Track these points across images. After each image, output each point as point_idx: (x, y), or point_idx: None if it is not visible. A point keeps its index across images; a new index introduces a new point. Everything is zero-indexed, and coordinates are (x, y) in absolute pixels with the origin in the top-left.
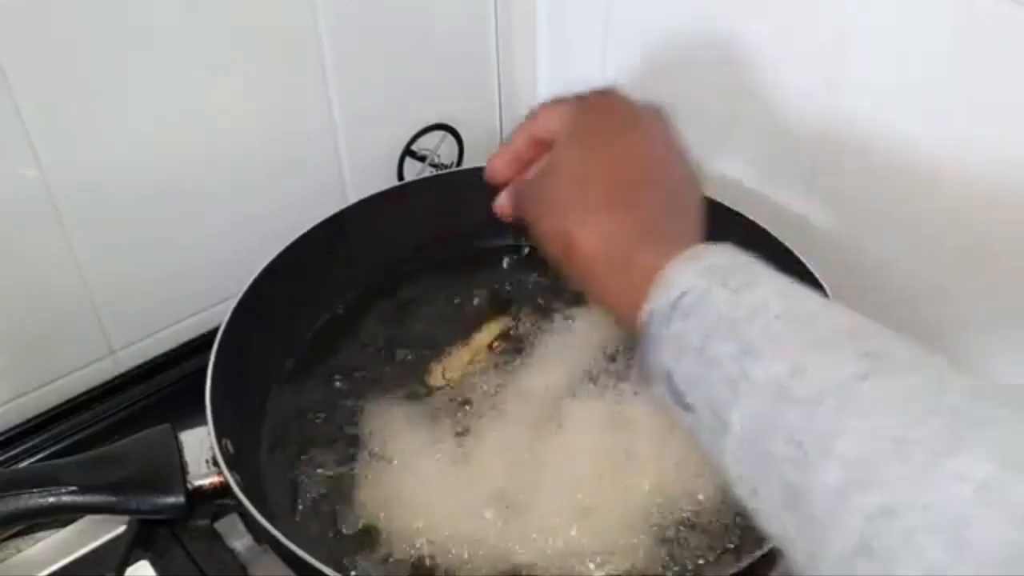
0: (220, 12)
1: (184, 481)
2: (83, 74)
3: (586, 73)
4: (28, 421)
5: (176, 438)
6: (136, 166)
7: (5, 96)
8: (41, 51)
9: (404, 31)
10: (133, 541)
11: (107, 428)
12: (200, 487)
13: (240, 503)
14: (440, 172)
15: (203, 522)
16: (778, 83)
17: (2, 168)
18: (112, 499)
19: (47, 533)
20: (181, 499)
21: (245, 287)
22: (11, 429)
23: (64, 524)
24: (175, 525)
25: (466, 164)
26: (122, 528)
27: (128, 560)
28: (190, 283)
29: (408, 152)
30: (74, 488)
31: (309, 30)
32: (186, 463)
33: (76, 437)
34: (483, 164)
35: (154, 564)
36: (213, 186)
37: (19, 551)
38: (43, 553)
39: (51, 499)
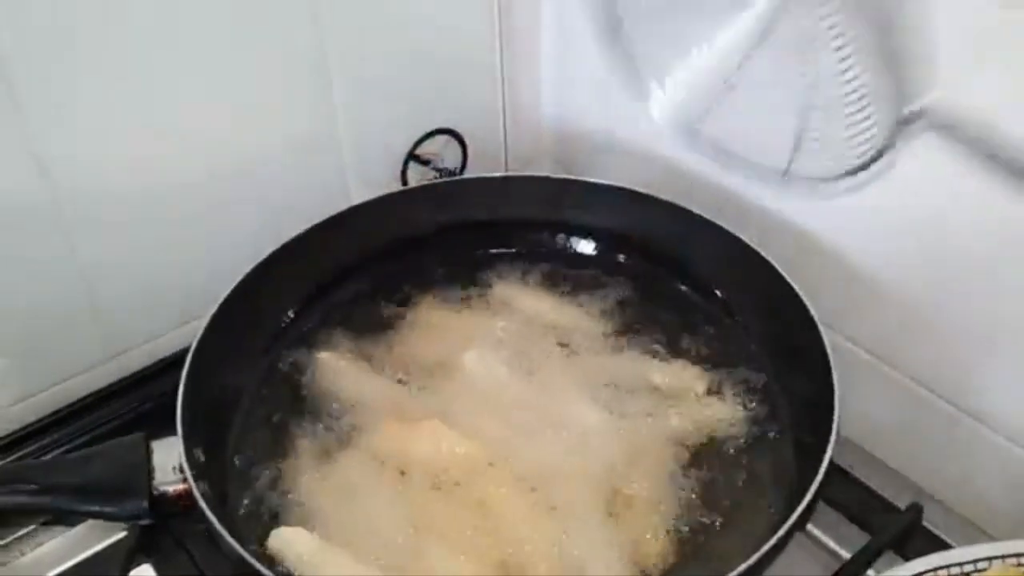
0: (223, 17)
1: (149, 487)
2: (85, 78)
3: (590, 79)
4: (31, 424)
5: (147, 445)
6: (138, 170)
7: (6, 99)
8: (43, 54)
9: (408, 37)
10: (136, 545)
11: (111, 431)
12: (165, 493)
13: (200, 509)
14: (444, 180)
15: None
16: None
17: (5, 172)
18: (72, 500)
19: (49, 536)
20: (144, 504)
21: (233, 284)
22: (14, 432)
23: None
24: (174, 529)
25: (470, 169)
26: (124, 532)
27: (131, 564)
28: (194, 286)
29: (412, 157)
30: (34, 487)
31: (312, 35)
32: (154, 468)
33: (80, 440)
34: (487, 171)
35: (157, 568)
36: (216, 191)
37: (22, 554)
38: (46, 556)
39: (8, 497)
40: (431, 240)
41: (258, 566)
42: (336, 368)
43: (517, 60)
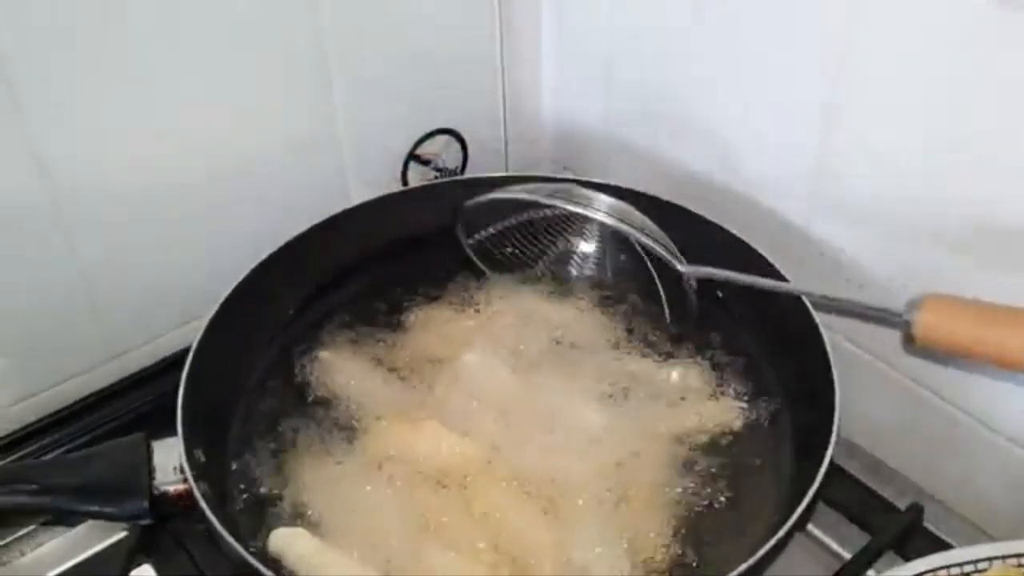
0: (223, 17)
1: (150, 487)
2: (85, 78)
3: (590, 80)
4: (32, 424)
5: (148, 445)
6: (138, 170)
7: (7, 99)
8: (43, 54)
9: (408, 37)
10: (136, 545)
11: (111, 431)
12: (165, 493)
13: (201, 509)
14: (444, 180)
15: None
16: (780, 85)
17: (5, 172)
18: (72, 500)
19: (49, 536)
20: (144, 504)
21: (234, 284)
22: (14, 432)
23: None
24: (175, 529)
25: (470, 169)
26: (124, 532)
27: (131, 564)
28: (194, 286)
29: (412, 157)
30: (35, 487)
31: (312, 35)
32: (154, 468)
33: (80, 440)
34: (487, 171)
35: (157, 568)
36: (216, 191)
37: (22, 554)
38: (46, 556)
39: (8, 497)
40: (431, 240)
41: (259, 566)
42: (337, 368)
43: (517, 60)
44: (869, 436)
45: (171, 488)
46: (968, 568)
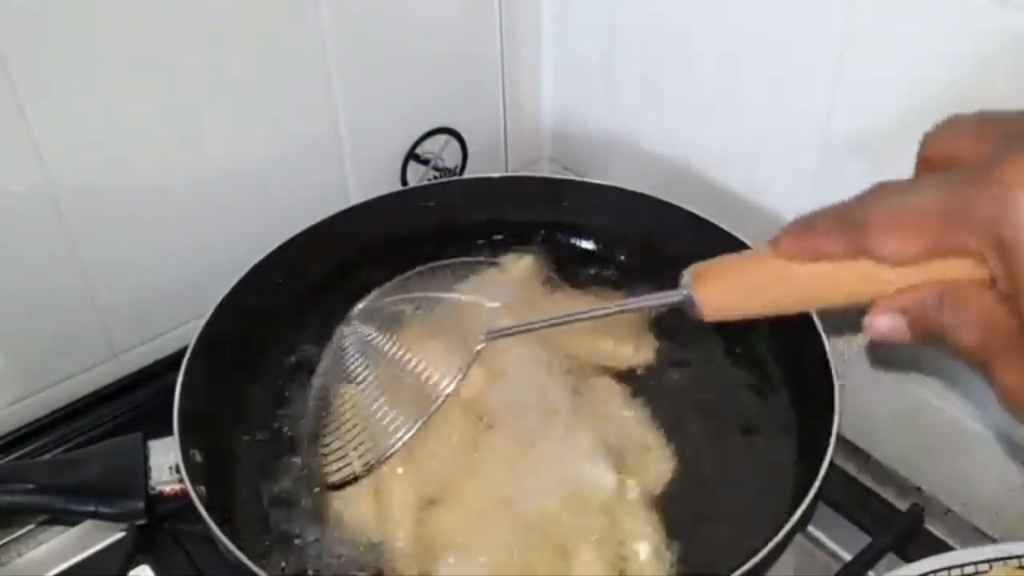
0: (223, 17)
1: (146, 487)
2: (87, 78)
3: (590, 77)
4: (31, 424)
5: (145, 445)
6: (139, 170)
7: (9, 99)
8: (45, 54)
9: (408, 35)
10: (134, 546)
11: (111, 431)
12: (161, 492)
13: (197, 509)
14: (444, 179)
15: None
16: (780, 85)
17: (5, 171)
18: (69, 500)
19: (49, 536)
20: (140, 504)
21: (233, 284)
22: (15, 431)
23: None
24: (173, 529)
25: (470, 169)
26: (123, 533)
27: (130, 564)
28: (193, 286)
29: (412, 156)
30: (32, 486)
31: (312, 35)
32: (150, 469)
33: (79, 440)
34: (487, 170)
35: (155, 568)
36: (216, 191)
37: (20, 555)
38: (46, 556)
39: (6, 496)
40: (431, 240)
41: (253, 567)
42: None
43: (517, 60)
44: (869, 436)
45: (167, 488)
46: (969, 570)
